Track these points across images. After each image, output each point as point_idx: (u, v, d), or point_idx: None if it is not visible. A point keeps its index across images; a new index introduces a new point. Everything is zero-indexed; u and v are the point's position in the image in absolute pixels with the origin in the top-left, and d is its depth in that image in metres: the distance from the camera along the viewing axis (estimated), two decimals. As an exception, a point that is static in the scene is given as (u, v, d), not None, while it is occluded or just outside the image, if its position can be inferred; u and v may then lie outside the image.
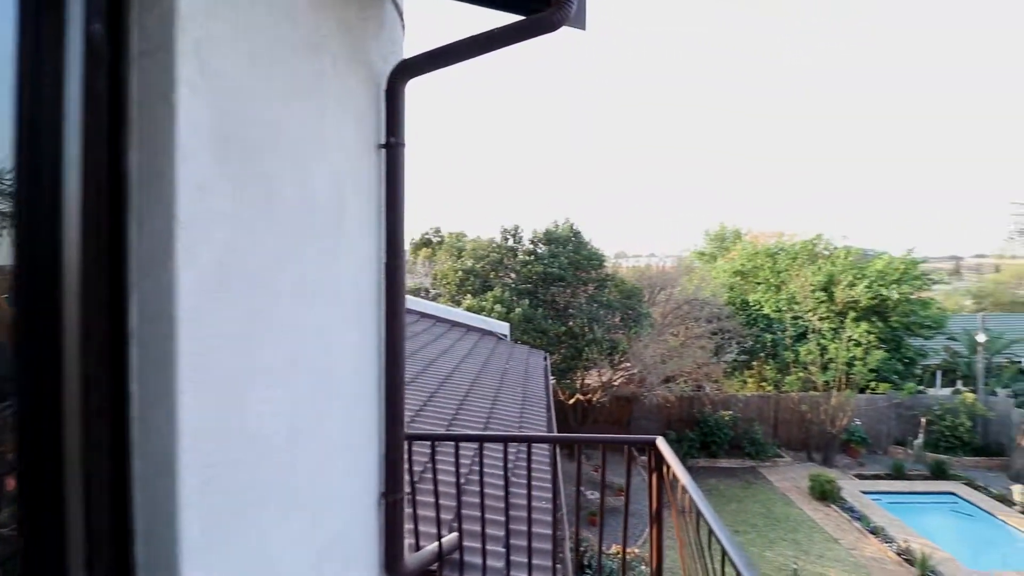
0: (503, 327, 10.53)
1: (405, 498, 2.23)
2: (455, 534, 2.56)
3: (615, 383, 14.15)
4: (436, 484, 2.45)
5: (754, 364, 17.45)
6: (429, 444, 2.64)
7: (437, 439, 2.67)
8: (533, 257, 13.84)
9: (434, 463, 2.46)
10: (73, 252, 0.89)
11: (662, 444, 2.36)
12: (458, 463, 2.46)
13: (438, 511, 2.47)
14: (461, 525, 2.57)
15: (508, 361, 8.17)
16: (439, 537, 2.47)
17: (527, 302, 12.90)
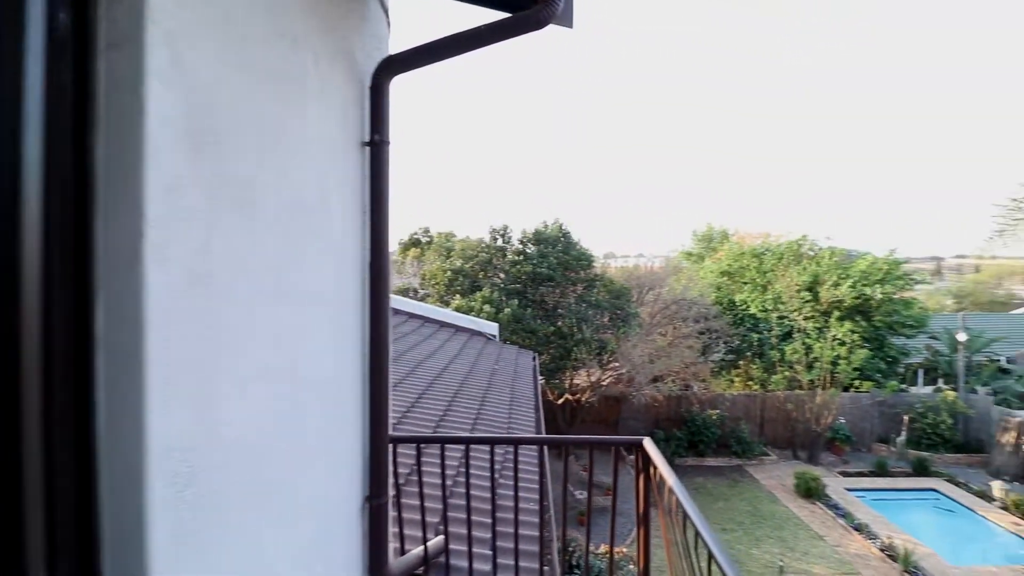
0: (492, 327, 10.49)
1: (390, 501, 2.20)
2: (441, 537, 2.53)
3: (604, 383, 14.19)
4: (421, 487, 2.42)
5: (741, 363, 17.61)
6: (415, 446, 2.60)
7: (423, 441, 2.63)
8: (522, 257, 13.82)
9: (419, 466, 2.43)
10: (34, 252, 0.84)
11: (649, 445, 2.35)
12: (444, 465, 2.43)
13: (423, 514, 2.44)
14: (447, 528, 2.54)
15: (497, 362, 8.14)
16: (424, 540, 2.44)
17: (516, 302, 12.88)
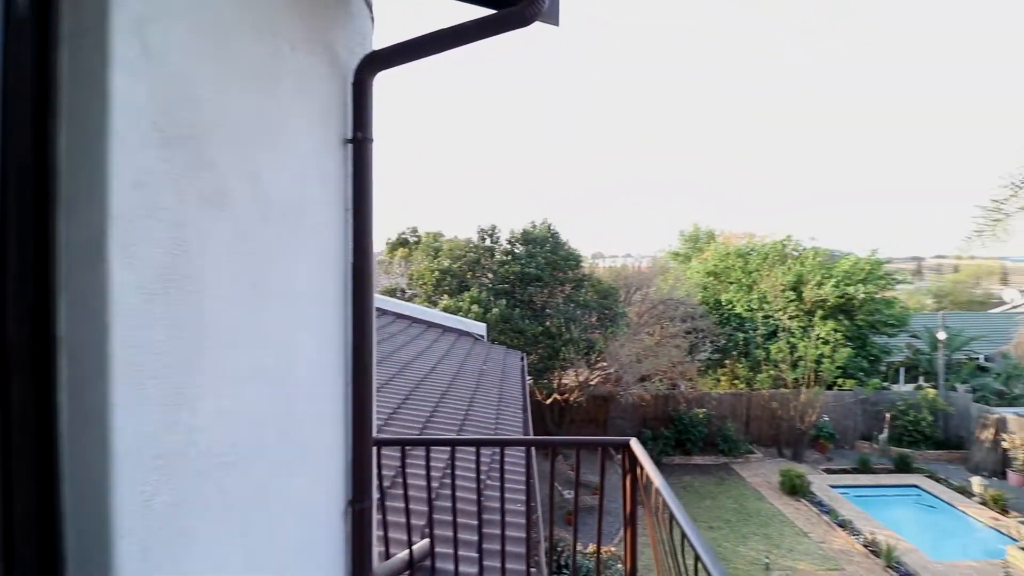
0: (480, 327, 10.45)
1: (374, 505, 2.16)
2: (426, 540, 2.49)
3: (592, 382, 14.22)
4: (406, 490, 2.38)
5: (727, 362, 17.78)
6: (399, 449, 2.56)
7: (408, 444, 2.59)
8: (510, 257, 13.79)
9: (404, 468, 2.39)
10: (-10, 249, 0.80)
11: (636, 446, 2.34)
12: (429, 467, 2.39)
13: (408, 517, 2.40)
14: (433, 531, 2.51)
15: (485, 362, 8.11)
16: (410, 544, 2.40)
17: (504, 302, 12.85)
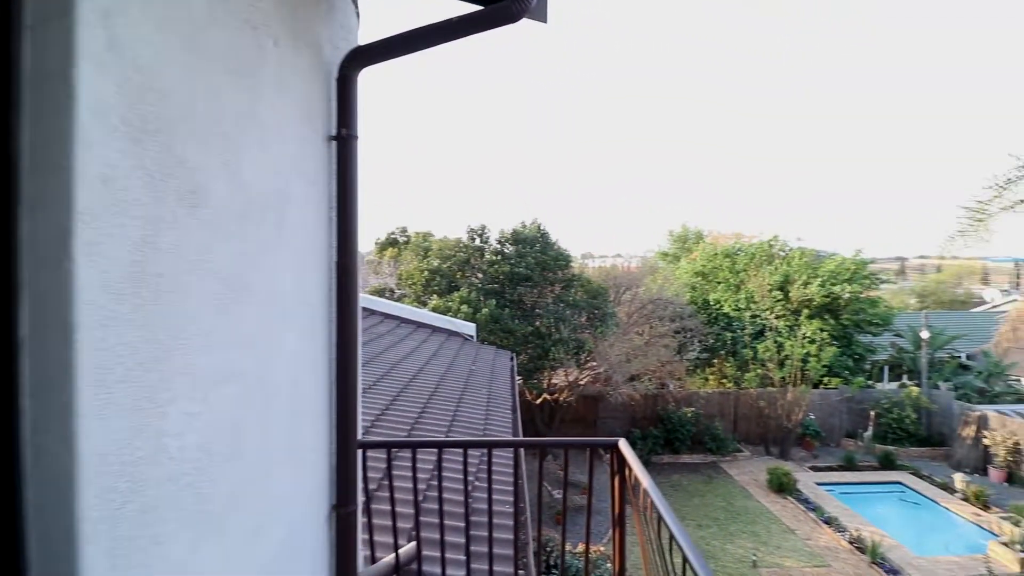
0: (469, 327, 10.42)
1: (359, 508, 2.12)
2: (413, 544, 2.46)
3: (581, 382, 14.24)
4: (392, 492, 2.35)
5: (715, 362, 17.92)
6: (385, 451, 2.53)
7: (393, 446, 2.56)
8: (500, 257, 13.76)
9: (390, 471, 2.36)
10: (-55, 248, 0.76)
11: (624, 446, 2.33)
12: (415, 469, 2.36)
13: (395, 520, 2.37)
14: (419, 534, 2.48)
15: (474, 362, 8.08)
16: (396, 548, 2.37)
17: (494, 302, 12.82)
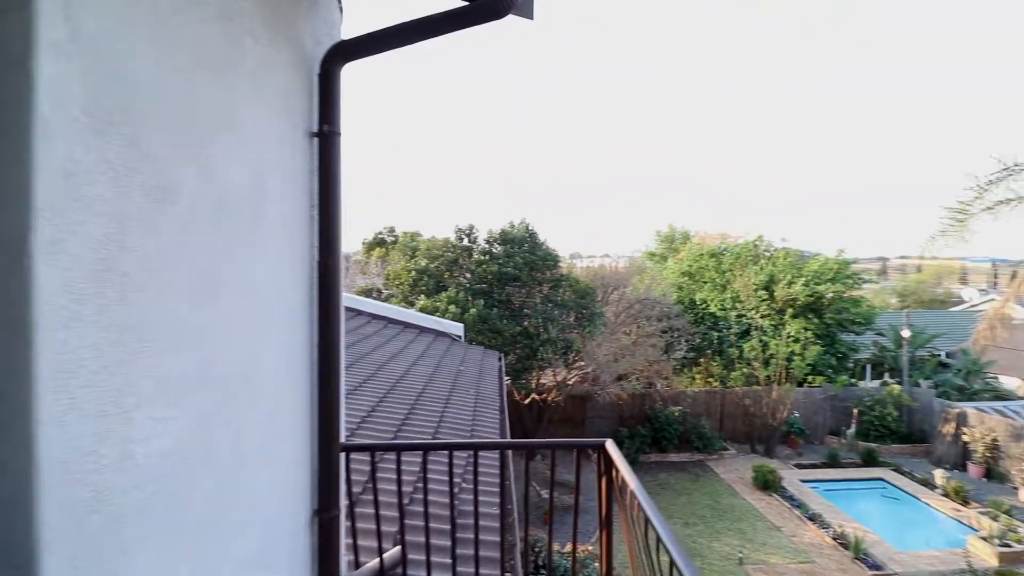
0: (457, 328, 10.35)
1: (343, 513, 2.08)
2: (398, 548, 2.43)
3: (570, 382, 14.26)
4: (376, 495, 2.32)
5: (701, 361, 18.07)
6: (369, 454, 2.49)
7: (378, 449, 2.52)
8: (488, 257, 13.71)
9: (374, 475, 2.32)
10: None
11: (611, 447, 2.32)
12: (400, 471, 2.32)
13: (379, 524, 2.33)
14: (404, 538, 2.44)
15: (462, 363, 8.03)
16: (380, 552, 2.33)
17: (482, 302, 12.77)
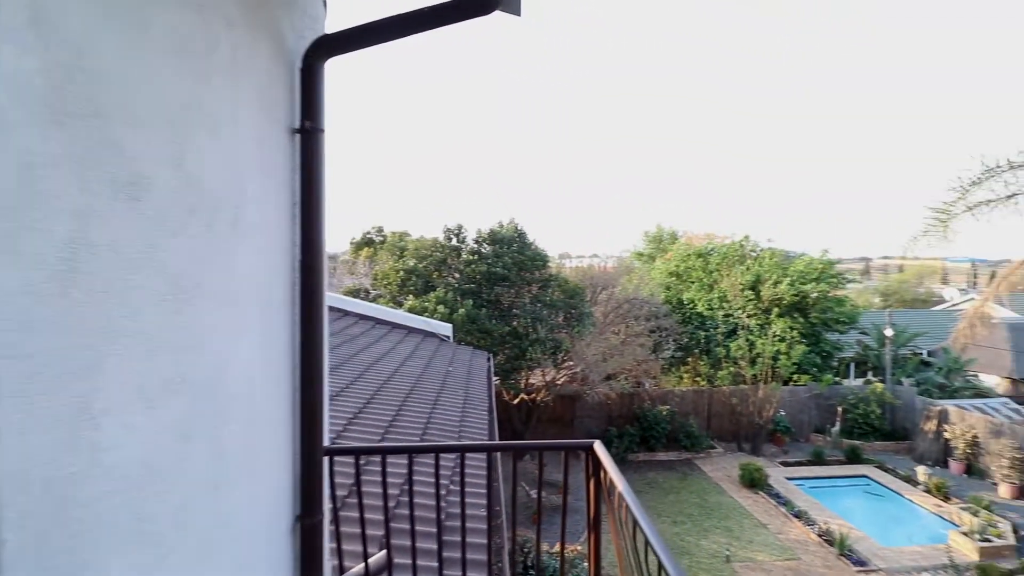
0: (446, 328, 10.30)
1: (327, 518, 2.04)
2: (383, 552, 2.39)
3: (559, 382, 14.27)
4: (361, 499, 2.27)
5: (689, 360, 18.20)
6: (354, 458, 2.44)
7: (362, 452, 2.48)
8: (477, 257, 13.67)
9: (358, 478, 2.28)
10: None
11: (599, 448, 2.30)
12: (385, 474, 2.28)
13: (364, 528, 2.29)
14: (390, 542, 2.40)
15: (450, 363, 7.98)
16: (365, 556, 2.29)
17: (471, 302, 12.72)
